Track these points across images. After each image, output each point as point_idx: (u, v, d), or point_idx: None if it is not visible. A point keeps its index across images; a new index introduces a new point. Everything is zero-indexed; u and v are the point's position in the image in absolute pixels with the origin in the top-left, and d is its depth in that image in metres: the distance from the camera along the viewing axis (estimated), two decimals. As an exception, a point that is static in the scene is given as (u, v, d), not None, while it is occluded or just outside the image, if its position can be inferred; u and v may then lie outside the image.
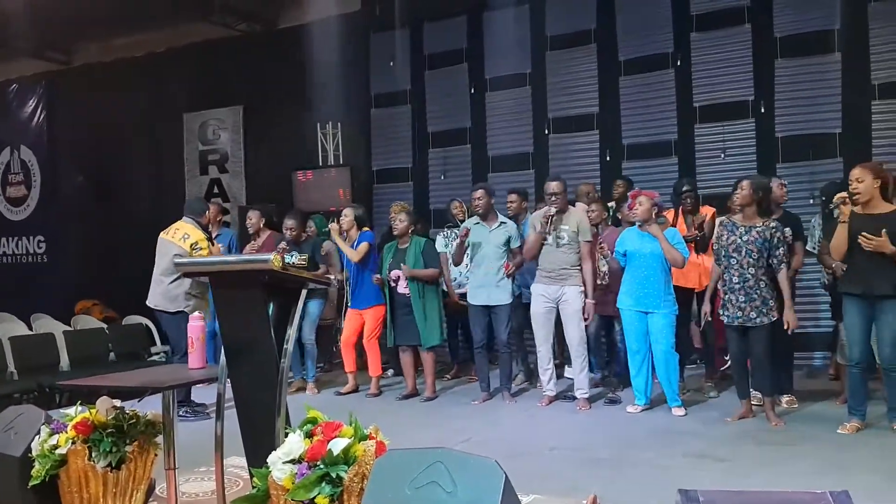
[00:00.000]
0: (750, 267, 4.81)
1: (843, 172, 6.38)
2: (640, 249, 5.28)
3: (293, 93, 9.12)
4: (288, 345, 2.85)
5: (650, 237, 5.24)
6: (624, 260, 5.39)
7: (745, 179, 5.02)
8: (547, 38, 8.31)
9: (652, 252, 5.23)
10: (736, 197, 4.97)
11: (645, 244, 5.27)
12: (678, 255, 5.19)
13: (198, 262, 3.84)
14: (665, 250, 5.17)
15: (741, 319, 4.83)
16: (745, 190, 4.90)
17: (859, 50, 6.94)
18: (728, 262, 4.90)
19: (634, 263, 5.32)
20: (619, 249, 5.42)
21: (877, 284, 4.43)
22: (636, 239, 5.33)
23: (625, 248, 5.38)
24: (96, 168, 10.99)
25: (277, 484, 2.47)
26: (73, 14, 9.08)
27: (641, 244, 5.29)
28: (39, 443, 3.16)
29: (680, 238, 5.34)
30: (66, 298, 10.23)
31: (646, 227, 5.24)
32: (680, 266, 5.28)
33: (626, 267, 5.38)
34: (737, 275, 4.85)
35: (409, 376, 6.23)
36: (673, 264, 5.25)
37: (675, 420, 5.14)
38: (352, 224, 6.36)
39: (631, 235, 5.40)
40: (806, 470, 3.95)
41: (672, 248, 5.17)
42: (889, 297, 4.41)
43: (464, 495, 2.06)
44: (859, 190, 4.43)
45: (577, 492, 3.57)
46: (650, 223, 5.22)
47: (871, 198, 4.46)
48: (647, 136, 7.84)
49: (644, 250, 5.26)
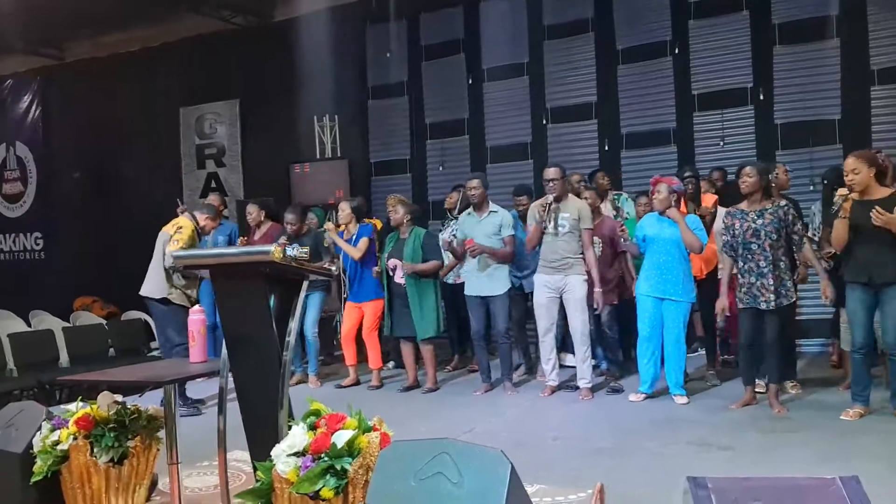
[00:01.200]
0: (771, 249, 4.79)
1: (843, 158, 6.29)
2: (660, 235, 5.25)
3: (290, 86, 9.08)
4: (290, 337, 2.83)
5: (670, 222, 5.22)
6: (643, 245, 5.37)
7: (747, 166, 4.99)
8: (544, 28, 8.28)
9: (671, 238, 5.20)
10: (744, 185, 4.91)
11: (664, 230, 5.24)
12: (696, 241, 5.18)
13: (198, 254, 3.81)
14: (683, 234, 5.16)
15: (774, 303, 4.77)
16: (753, 177, 4.88)
17: (858, 36, 6.93)
18: (747, 248, 4.85)
19: (653, 249, 5.29)
20: (639, 234, 5.41)
21: (879, 272, 4.43)
22: (655, 224, 5.31)
23: (644, 233, 5.36)
24: (93, 163, 10.93)
25: (281, 477, 2.46)
26: (67, 9, 9.02)
27: (661, 229, 5.26)
28: (41, 439, 3.15)
29: (700, 224, 5.32)
30: (64, 295, 10.20)
31: (666, 213, 5.22)
32: (698, 251, 5.26)
33: (646, 252, 5.36)
34: (762, 259, 4.80)
35: (409, 368, 6.22)
36: (690, 249, 5.23)
37: (677, 408, 5.13)
38: (350, 217, 6.34)
39: (651, 221, 5.38)
40: (810, 457, 3.94)
41: (691, 233, 5.16)
42: (892, 283, 4.41)
43: (470, 486, 2.04)
44: (855, 181, 4.43)
45: (581, 481, 3.56)
46: (671, 209, 5.21)
47: (868, 185, 4.46)
48: (646, 124, 7.82)
49: (663, 236, 5.24)
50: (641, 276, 5.39)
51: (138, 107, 10.47)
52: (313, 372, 6.56)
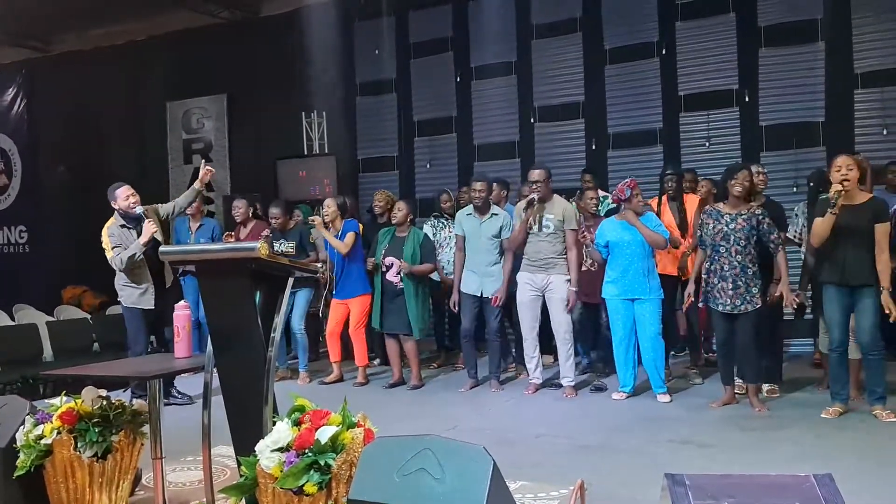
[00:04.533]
0: (738, 255, 4.84)
1: (827, 161, 6.39)
2: (621, 238, 5.33)
3: (278, 81, 9.07)
4: (275, 333, 2.84)
5: (629, 225, 5.28)
6: (606, 251, 5.42)
7: (743, 170, 4.99)
8: (532, 27, 8.31)
9: (633, 239, 5.27)
10: (738, 188, 4.91)
11: (624, 233, 5.31)
12: (658, 237, 5.24)
13: (184, 250, 3.80)
14: (645, 235, 5.22)
15: (729, 307, 4.86)
16: (748, 182, 4.91)
17: (843, 39, 6.99)
18: (715, 250, 4.93)
19: (616, 252, 5.36)
20: (600, 241, 5.46)
21: (855, 274, 4.51)
22: (616, 228, 5.37)
23: (606, 238, 5.42)
24: (78, 157, 10.86)
25: (265, 472, 2.48)
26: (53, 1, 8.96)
27: (621, 233, 5.33)
28: (24, 433, 3.14)
29: (657, 220, 5.38)
30: (48, 289, 10.14)
31: (621, 215, 5.27)
32: (662, 247, 5.32)
33: (610, 257, 5.41)
34: (726, 263, 4.87)
35: (395, 364, 6.23)
36: (655, 247, 5.29)
37: (660, 406, 5.18)
38: (335, 214, 6.34)
39: (610, 226, 5.44)
40: (789, 454, 4.00)
41: (651, 232, 5.22)
42: (867, 285, 4.49)
43: (452, 482, 2.07)
44: (850, 178, 4.47)
45: (563, 478, 3.59)
46: (625, 213, 5.26)
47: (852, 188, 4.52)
48: (633, 124, 7.87)
49: (624, 238, 5.31)
50: (607, 279, 5.43)
51: (124, 100, 10.42)
52: (303, 368, 6.56)
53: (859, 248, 4.49)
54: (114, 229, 5.50)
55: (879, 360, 4.58)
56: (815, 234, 4.60)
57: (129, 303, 5.50)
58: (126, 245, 5.37)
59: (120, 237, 5.45)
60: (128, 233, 5.48)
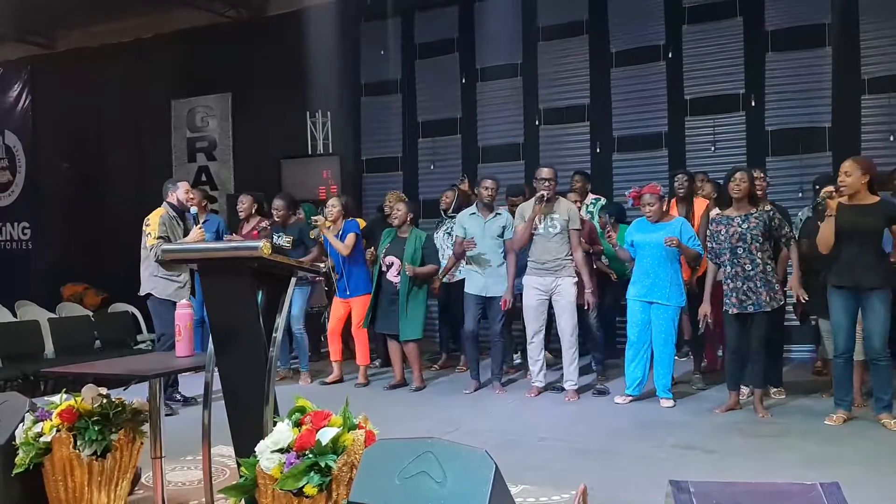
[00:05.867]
0: (758, 252, 4.83)
1: (833, 166, 6.40)
2: (648, 240, 5.29)
3: (282, 80, 9.05)
4: (276, 333, 2.82)
5: (658, 227, 5.26)
6: (633, 250, 5.40)
7: (740, 171, 5.00)
8: (539, 29, 8.28)
9: (659, 242, 5.22)
10: (738, 190, 4.92)
11: (652, 234, 5.27)
12: (696, 254, 5.29)
13: (186, 248, 3.79)
14: (686, 255, 5.27)
15: (755, 305, 4.81)
16: (745, 182, 4.92)
17: (850, 44, 6.97)
18: (733, 252, 4.88)
19: (642, 254, 5.33)
20: (627, 240, 5.44)
21: (864, 277, 4.47)
22: (644, 230, 5.34)
23: (633, 238, 5.39)
24: (82, 154, 10.85)
25: (265, 473, 2.45)
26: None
27: (649, 234, 5.29)
28: (23, 431, 3.12)
29: (691, 230, 5.34)
30: (50, 285, 10.14)
31: (667, 243, 5.14)
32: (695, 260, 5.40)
33: (636, 257, 5.39)
34: (748, 263, 4.84)
35: (396, 365, 6.21)
36: (691, 262, 5.39)
37: (663, 411, 5.15)
38: (339, 214, 6.32)
39: (639, 226, 5.41)
40: (793, 461, 3.97)
41: (690, 250, 5.24)
42: (876, 288, 4.45)
43: (453, 486, 2.05)
44: (846, 183, 4.47)
45: (566, 482, 3.57)
46: (677, 245, 5.17)
47: (858, 191, 4.50)
48: (638, 128, 7.84)
49: (652, 241, 5.27)
50: (631, 280, 5.43)
51: (129, 98, 10.40)
52: (305, 368, 6.54)
53: (868, 251, 4.47)
54: (165, 218, 5.53)
55: (887, 366, 4.54)
56: (820, 241, 4.59)
57: (164, 295, 5.49)
58: (173, 240, 5.41)
59: (171, 228, 5.51)
60: (176, 226, 5.57)
